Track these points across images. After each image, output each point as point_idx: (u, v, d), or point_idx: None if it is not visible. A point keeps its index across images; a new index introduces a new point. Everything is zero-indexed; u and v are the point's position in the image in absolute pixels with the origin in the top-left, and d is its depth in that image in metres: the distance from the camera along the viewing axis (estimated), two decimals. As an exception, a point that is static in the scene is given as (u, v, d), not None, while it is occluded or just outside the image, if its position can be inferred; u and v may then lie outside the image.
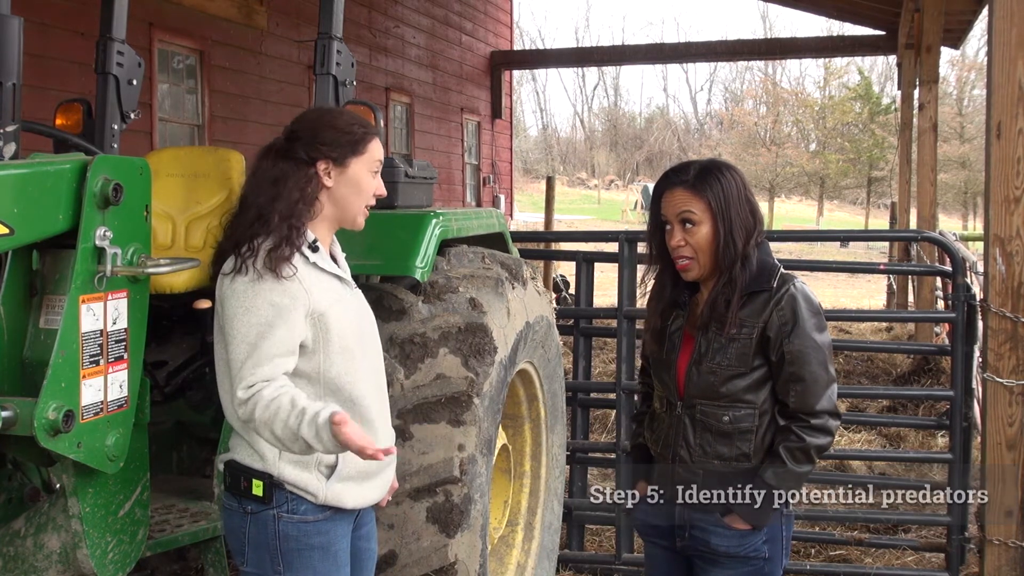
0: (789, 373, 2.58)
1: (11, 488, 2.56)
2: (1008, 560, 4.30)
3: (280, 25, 12.00)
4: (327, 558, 2.39)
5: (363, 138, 2.45)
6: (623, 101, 72.93)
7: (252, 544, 2.36)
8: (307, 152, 2.40)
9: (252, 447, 2.36)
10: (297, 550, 2.35)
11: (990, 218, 4.22)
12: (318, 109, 2.63)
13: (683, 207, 2.61)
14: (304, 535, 2.35)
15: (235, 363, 2.26)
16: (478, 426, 3.11)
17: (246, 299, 2.27)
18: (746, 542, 2.64)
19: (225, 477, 2.40)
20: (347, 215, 2.48)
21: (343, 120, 2.47)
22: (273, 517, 2.34)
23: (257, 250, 2.30)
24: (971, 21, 13.13)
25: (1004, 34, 4.11)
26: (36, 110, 3.89)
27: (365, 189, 2.46)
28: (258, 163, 2.45)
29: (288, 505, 2.34)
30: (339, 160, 2.42)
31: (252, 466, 2.35)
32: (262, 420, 2.22)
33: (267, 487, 2.33)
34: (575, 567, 4.92)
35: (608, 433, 6.94)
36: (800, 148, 44.38)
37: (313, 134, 2.42)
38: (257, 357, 2.24)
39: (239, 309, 2.28)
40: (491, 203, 18.81)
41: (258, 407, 2.22)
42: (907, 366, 9.05)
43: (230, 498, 2.40)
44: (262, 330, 2.25)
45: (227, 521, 2.44)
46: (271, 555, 2.35)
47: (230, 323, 2.28)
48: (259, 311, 2.26)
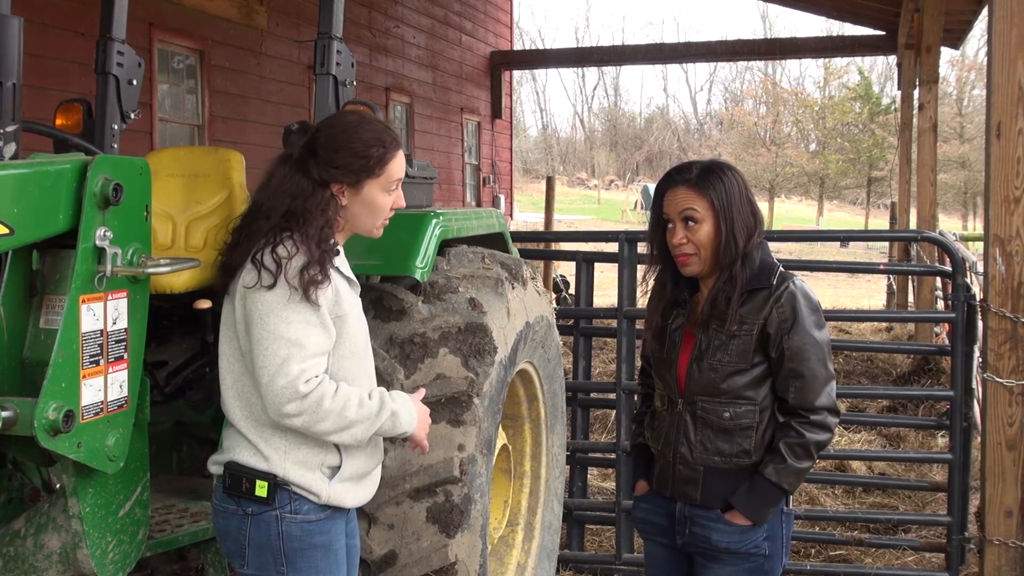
0: (788, 369, 2.60)
1: (11, 488, 2.56)
2: (1008, 560, 4.29)
3: (280, 25, 12.00)
4: (328, 556, 2.41)
5: (381, 159, 2.43)
6: (623, 101, 73.01)
7: (253, 545, 2.36)
8: (321, 174, 2.38)
9: (255, 447, 2.36)
10: (300, 549, 2.36)
11: (990, 218, 4.22)
12: (341, 123, 2.47)
13: (686, 205, 2.63)
14: (307, 534, 2.36)
15: (274, 360, 2.25)
16: (478, 426, 3.11)
17: (280, 308, 2.27)
18: (746, 538, 2.65)
19: (224, 479, 2.39)
20: (361, 229, 2.50)
21: (362, 142, 2.41)
22: (276, 518, 2.34)
23: (286, 266, 2.28)
24: (971, 21, 13.13)
25: (1004, 34, 4.11)
26: (36, 110, 3.89)
27: (379, 208, 2.47)
28: (275, 169, 2.43)
29: (291, 505, 2.35)
30: (353, 184, 2.41)
31: (255, 467, 2.35)
32: (331, 409, 2.27)
33: (271, 487, 2.33)
34: (575, 567, 4.92)
35: (608, 433, 6.94)
36: (800, 148, 44.40)
37: (329, 155, 2.39)
38: (303, 353, 2.26)
39: (271, 316, 2.27)
40: (491, 203, 18.82)
41: (326, 398, 2.26)
42: (907, 366, 9.06)
43: (227, 500, 2.39)
44: (302, 328, 2.27)
45: (223, 524, 2.42)
46: (274, 555, 2.35)
47: (263, 326, 2.27)
48: (297, 314, 2.27)
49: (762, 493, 2.62)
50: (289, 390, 2.24)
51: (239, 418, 2.39)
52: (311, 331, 2.28)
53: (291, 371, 2.24)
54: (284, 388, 2.24)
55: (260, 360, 2.27)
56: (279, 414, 2.28)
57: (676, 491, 2.73)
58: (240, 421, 2.38)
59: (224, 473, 2.40)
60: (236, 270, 2.36)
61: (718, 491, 2.67)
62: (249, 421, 2.37)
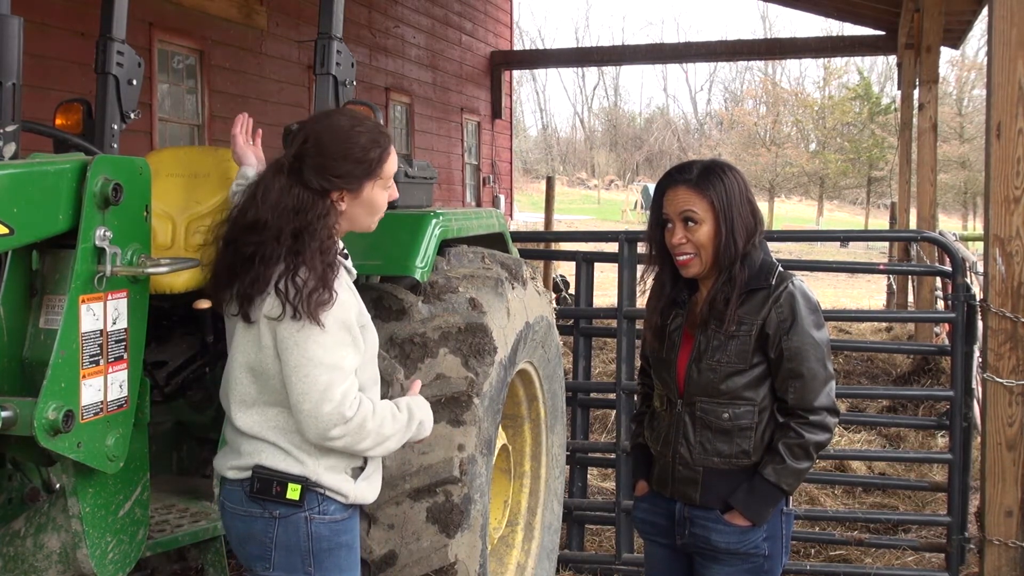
0: (788, 369, 2.60)
1: (11, 488, 2.56)
2: (1008, 560, 4.30)
3: (280, 25, 12.00)
4: (351, 555, 2.46)
5: (378, 160, 2.39)
6: (623, 101, 73.08)
7: (281, 547, 2.36)
8: (320, 183, 2.34)
9: (287, 453, 2.36)
10: (328, 549, 2.39)
11: (990, 218, 4.22)
12: (333, 128, 2.38)
13: (686, 206, 2.62)
14: (335, 534, 2.40)
15: (316, 387, 2.25)
16: (478, 426, 3.11)
17: (316, 334, 2.26)
18: (746, 539, 2.65)
19: (252, 483, 2.37)
20: (359, 228, 2.50)
21: (360, 147, 2.36)
22: (305, 519, 2.36)
23: (309, 294, 2.25)
24: (971, 21, 13.13)
25: (1004, 34, 4.11)
26: (36, 110, 3.89)
27: (379, 207, 2.47)
28: (270, 181, 2.35)
29: (320, 507, 2.37)
30: (353, 189, 2.39)
31: (288, 471, 2.35)
32: (372, 428, 2.34)
33: (303, 490, 2.35)
34: (575, 567, 4.92)
35: (608, 433, 6.94)
36: (800, 148, 44.39)
37: (327, 163, 2.33)
38: (343, 376, 2.28)
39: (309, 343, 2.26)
40: (491, 203, 18.82)
41: (368, 419, 2.32)
42: (907, 366, 9.05)
43: (250, 504, 2.37)
44: (338, 350, 2.29)
45: (243, 528, 2.40)
46: (303, 556, 2.37)
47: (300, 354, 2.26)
48: (331, 336, 2.27)
49: (761, 493, 2.62)
50: (335, 416, 2.26)
51: (266, 427, 2.37)
52: (346, 352, 2.31)
53: (335, 396, 2.26)
54: (330, 414, 2.26)
55: (300, 387, 2.26)
56: (323, 438, 2.30)
57: (676, 491, 2.73)
58: (268, 431, 2.37)
59: (252, 478, 2.37)
60: (254, 298, 2.31)
61: (718, 492, 2.67)
62: (275, 431, 2.37)
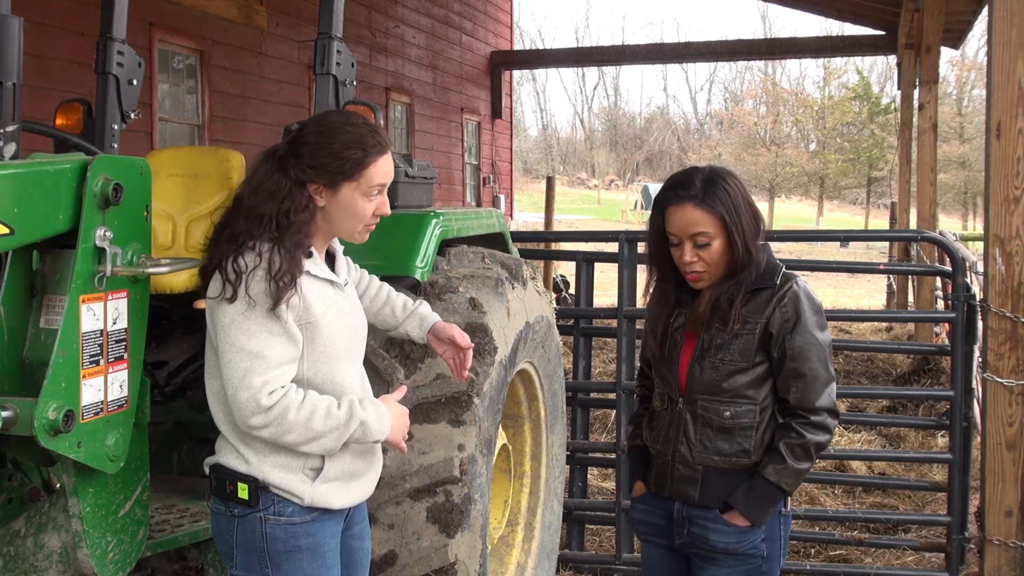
0: (790, 369, 2.60)
1: (11, 488, 2.56)
2: (1008, 560, 4.30)
3: (280, 25, 12.00)
4: (316, 559, 2.38)
5: (360, 163, 2.35)
6: (623, 101, 73.08)
7: (240, 547, 2.36)
8: (298, 174, 2.33)
9: (237, 450, 2.35)
10: (285, 552, 2.34)
11: (990, 218, 4.22)
12: (322, 124, 2.40)
13: (696, 228, 2.59)
14: (291, 537, 2.34)
15: (236, 373, 2.24)
16: (478, 426, 3.11)
17: (241, 319, 2.24)
18: (745, 539, 2.65)
19: (211, 481, 2.39)
20: (341, 233, 2.44)
21: (340, 143, 2.34)
22: (260, 520, 2.33)
23: (247, 278, 2.23)
24: (971, 21, 13.13)
25: (1004, 34, 4.12)
26: (36, 110, 3.89)
27: (358, 213, 2.39)
28: (259, 165, 2.39)
29: (275, 507, 2.33)
30: (329, 185, 2.35)
31: (237, 469, 2.34)
32: (296, 421, 2.24)
33: (252, 490, 2.32)
34: (575, 567, 4.92)
35: (608, 433, 6.94)
36: (800, 148, 44.41)
37: (308, 154, 2.34)
38: (265, 365, 2.23)
39: (232, 327, 2.25)
40: (491, 203, 18.82)
41: (291, 409, 2.24)
42: (907, 366, 9.06)
43: (217, 502, 2.39)
44: (264, 339, 2.24)
45: (214, 525, 2.43)
46: (259, 557, 2.34)
47: (225, 338, 2.25)
48: (258, 324, 2.24)
49: (761, 494, 2.62)
50: (252, 403, 2.23)
51: (222, 422, 2.38)
52: (274, 342, 2.25)
53: (253, 383, 2.22)
54: (247, 401, 2.23)
55: (225, 372, 2.26)
56: (246, 426, 2.27)
57: (674, 490, 2.73)
58: (223, 425, 2.38)
59: (211, 475, 2.40)
60: (209, 276, 2.32)
61: (717, 491, 2.67)
62: (231, 425, 2.36)
